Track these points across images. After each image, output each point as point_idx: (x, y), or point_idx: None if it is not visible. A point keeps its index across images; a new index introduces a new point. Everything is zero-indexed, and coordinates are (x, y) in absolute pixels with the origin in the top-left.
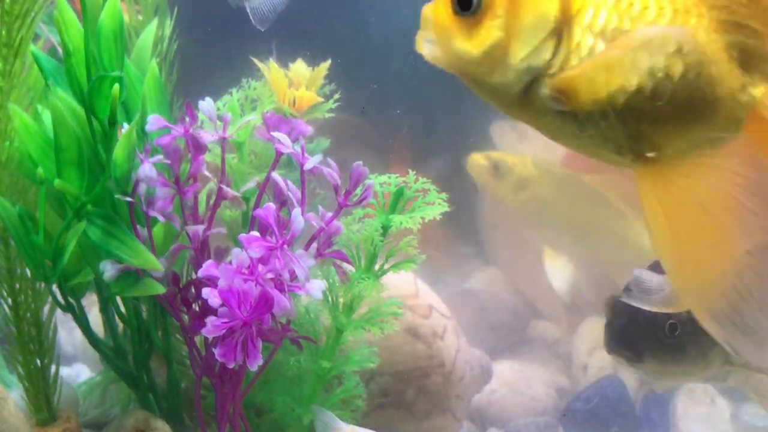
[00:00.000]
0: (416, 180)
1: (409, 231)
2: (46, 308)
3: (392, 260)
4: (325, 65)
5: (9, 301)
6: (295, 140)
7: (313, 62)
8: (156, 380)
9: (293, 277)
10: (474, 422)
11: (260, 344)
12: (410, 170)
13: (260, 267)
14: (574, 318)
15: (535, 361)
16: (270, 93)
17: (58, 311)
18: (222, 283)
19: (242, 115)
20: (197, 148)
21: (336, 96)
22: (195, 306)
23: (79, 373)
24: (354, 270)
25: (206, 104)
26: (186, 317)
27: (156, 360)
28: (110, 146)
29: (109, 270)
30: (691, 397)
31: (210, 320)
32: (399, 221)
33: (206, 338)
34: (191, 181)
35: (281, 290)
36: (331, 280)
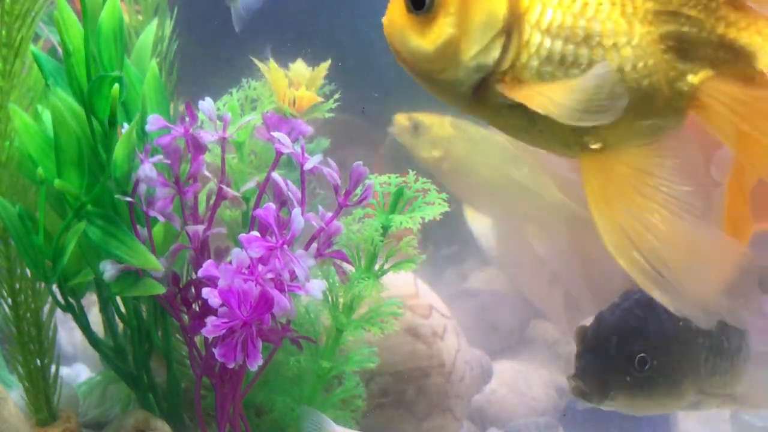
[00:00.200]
0: (416, 180)
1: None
2: (46, 308)
3: (392, 260)
4: (325, 65)
5: (9, 301)
6: (295, 140)
7: (313, 62)
8: (156, 380)
9: (293, 277)
10: (474, 422)
11: (260, 344)
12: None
13: (260, 267)
14: (574, 318)
15: (535, 361)
16: (270, 93)
17: (58, 311)
18: (222, 283)
19: (242, 115)
20: (197, 148)
21: (336, 96)
22: (195, 306)
23: (79, 373)
24: (354, 270)
25: (206, 104)
26: (186, 317)
27: (156, 360)
28: (110, 146)
29: (109, 270)
30: None
31: (210, 320)
32: (399, 221)
33: (206, 338)
34: (191, 181)
35: (281, 290)
36: (331, 280)
